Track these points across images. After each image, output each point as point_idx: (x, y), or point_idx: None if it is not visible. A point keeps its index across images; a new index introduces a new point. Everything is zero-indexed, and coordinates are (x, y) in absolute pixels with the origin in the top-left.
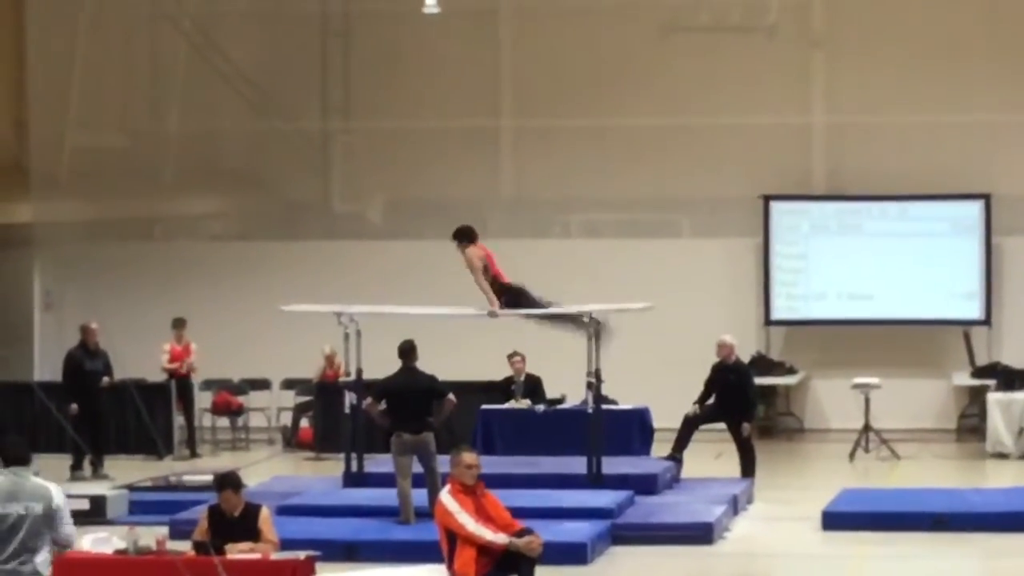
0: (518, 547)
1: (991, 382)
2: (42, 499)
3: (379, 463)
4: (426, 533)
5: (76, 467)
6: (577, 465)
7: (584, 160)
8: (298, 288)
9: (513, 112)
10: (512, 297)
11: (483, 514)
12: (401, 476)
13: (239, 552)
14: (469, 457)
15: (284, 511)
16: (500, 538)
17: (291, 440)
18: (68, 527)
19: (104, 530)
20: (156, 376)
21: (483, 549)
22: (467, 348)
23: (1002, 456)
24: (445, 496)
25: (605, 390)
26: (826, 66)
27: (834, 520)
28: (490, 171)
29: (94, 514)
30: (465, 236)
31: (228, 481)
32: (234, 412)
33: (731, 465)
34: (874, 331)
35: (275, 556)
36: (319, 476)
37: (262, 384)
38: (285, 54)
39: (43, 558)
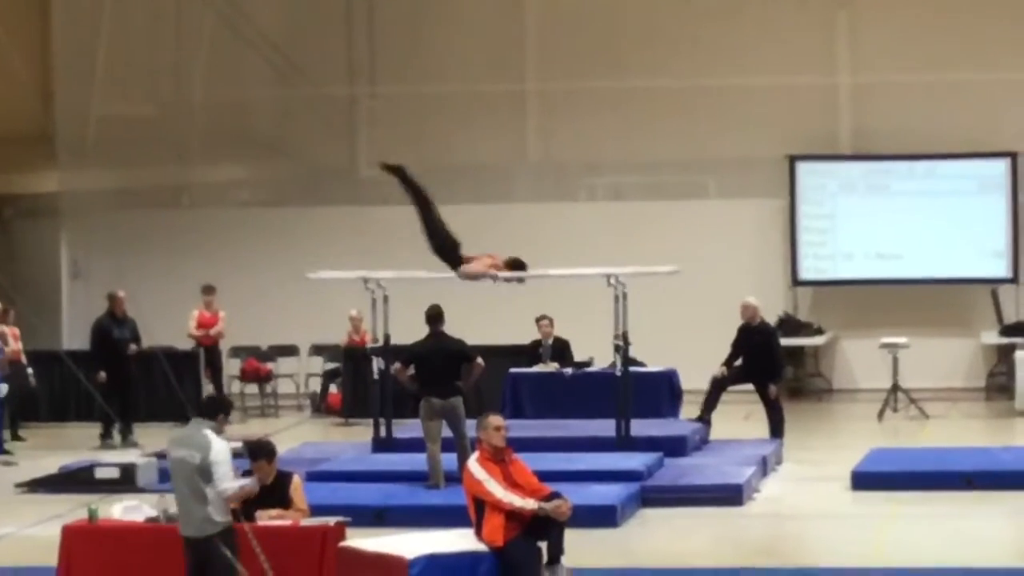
0: (547, 512)
1: (1019, 340)
2: (200, 450)
3: (408, 428)
4: (455, 498)
5: (105, 435)
6: (606, 428)
7: (610, 123)
8: (325, 254)
9: (539, 75)
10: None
11: (510, 481)
12: (430, 441)
13: (269, 519)
14: (496, 420)
15: (313, 477)
16: (529, 503)
17: (320, 406)
18: (221, 483)
19: (134, 498)
20: (184, 344)
21: (511, 515)
22: (495, 312)
23: None
24: (473, 464)
25: (633, 352)
26: (851, 26)
27: (863, 480)
28: (516, 135)
29: (124, 482)
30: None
31: (263, 451)
32: (263, 379)
33: (760, 426)
34: (902, 291)
35: (305, 522)
36: (348, 442)
37: (290, 351)
38: (310, 20)
39: (215, 507)
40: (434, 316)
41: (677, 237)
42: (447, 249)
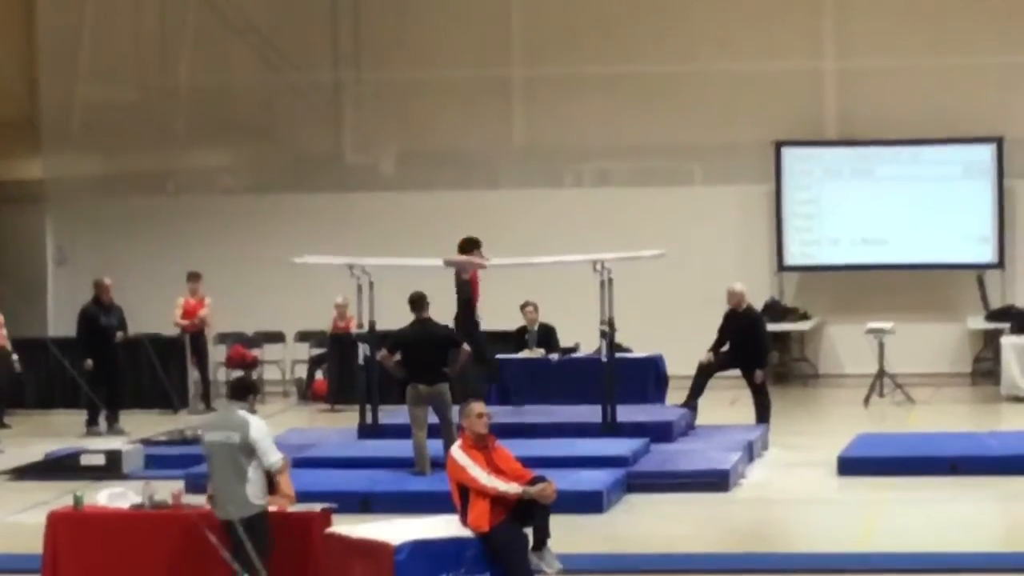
0: (532, 495)
1: (1005, 325)
2: (239, 429)
3: (394, 414)
4: (441, 484)
5: (91, 422)
6: (592, 414)
7: (596, 108)
8: (311, 240)
9: (524, 61)
10: (467, 322)
11: (494, 467)
12: (416, 427)
13: None
14: (479, 407)
15: (300, 463)
16: (513, 488)
17: (306, 392)
18: (270, 457)
19: (120, 485)
20: (170, 331)
21: (496, 500)
22: (481, 298)
23: (1017, 399)
24: (456, 451)
25: (619, 338)
26: (836, 11)
27: (850, 465)
28: (502, 120)
29: (110, 469)
30: (469, 247)
31: None
32: (248, 365)
33: (746, 412)
34: (887, 276)
35: (291, 509)
36: (334, 428)
37: (276, 337)
38: (296, 5)
39: (254, 488)
40: (416, 301)
41: (663, 223)
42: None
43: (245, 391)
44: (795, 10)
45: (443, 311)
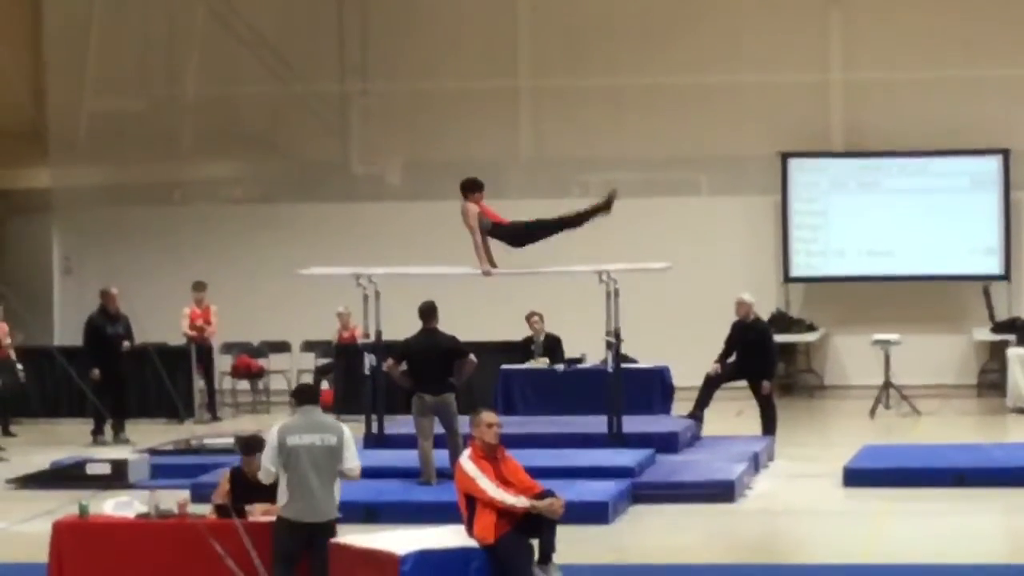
0: (540, 510)
1: (1011, 337)
2: (334, 431)
3: (400, 424)
4: (447, 494)
5: (97, 432)
6: (598, 424)
7: (602, 119)
8: (317, 250)
9: (531, 72)
10: (518, 234)
11: (502, 478)
12: (422, 437)
13: (260, 514)
14: (490, 416)
15: None
16: (521, 501)
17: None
18: (355, 460)
19: (126, 494)
20: (176, 340)
21: (503, 512)
22: (486, 308)
23: (1023, 411)
24: (465, 461)
25: (625, 349)
26: (844, 22)
27: (855, 477)
28: (508, 131)
29: (116, 478)
30: (467, 188)
31: (252, 447)
32: (254, 375)
33: (752, 423)
34: (894, 287)
35: None
36: None
37: (282, 347)
38: (302, 16)
39: (337, 490)
40: (427, 312)
41: (669, 234)
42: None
43: (316, 396)
44: (802, 22)
45: (450, 321)
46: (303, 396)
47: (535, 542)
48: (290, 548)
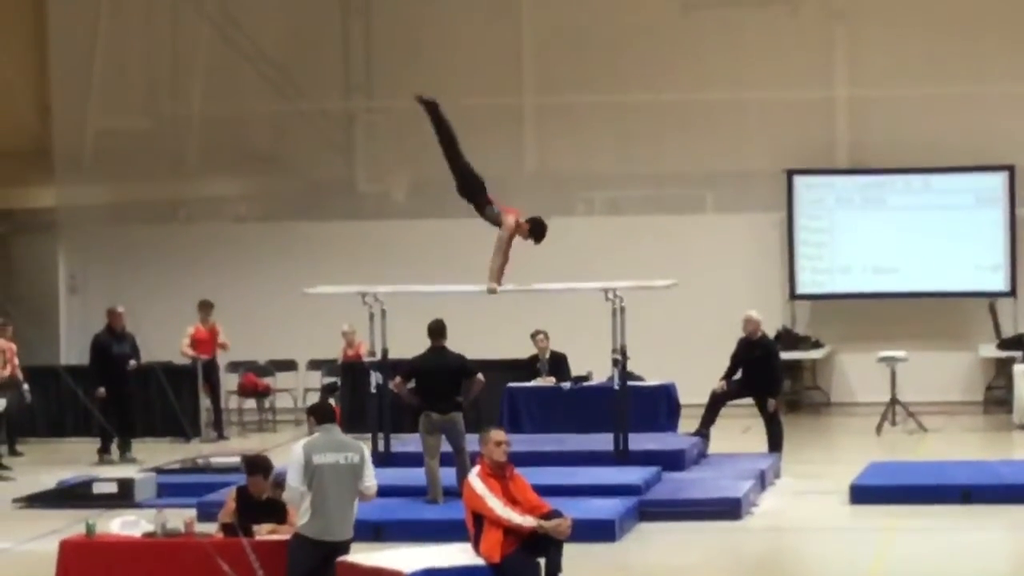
0: (547, 530)
1: (1017, 353)
2: (357, 450)
3: (406, 443)
4: (454, 513)
5: (104, 451)
6: (604, 442)
7: (607, 136)
8: (323, 268)
9: (535, 89)
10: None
11: (510, 497)
12: (429, 456)
13: (266, 533)
14: (498, 434)
15: None
16: (528, 521)
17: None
18: (373, 479)
19: (132, 513)
20: (182, 359)
21: (509, 531)
22: (492, 326)
23: None
24: (474, 479)
25: (631, 366)
26: (848, 39)
27: (862, 494)
28: (513, 149)
29: (122, 497)
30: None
31: (259, 466)
32: (260, 393)
33: (758, 440)
34: (900, 304)
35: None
36: None
37: (288, 365)
38: (307, 34)
39: (355, 508)
40: (436, 330)
41: (675, 251)
42: (472, 189)
43: (334, 414)
44: (807, 39)
45: (456, 339)
46: (324, 415)
47: (542, 560)
48: (307, 566)
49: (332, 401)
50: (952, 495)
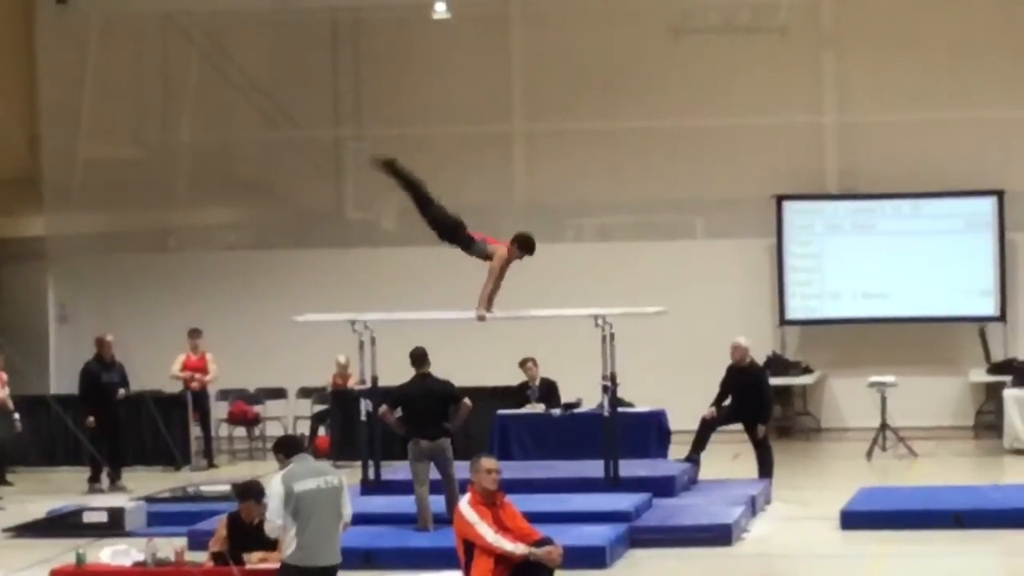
0: (538, 557)
1: (1007, 378)
2: (335, 475)
3: (396, 470)
4: (444, 540)
5: (94, 479)
6: (594, 468)
7: (596, 163)
8: (312, 296)
9: (525, 116)
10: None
11: (501, 525)
12: (418, 483)
13: (257, 561)
14: (489, 462)
15: None
16: (519, 549)
17: (308, 449)
18: (350, 507)
19: (123, 542)
20: (172, 387)
21: (500, 559)
22: (482, 353)
23: (1020, 452)
24: (464, 506)
25: (621, 393)
26: (837, 65)
27: (852, 519)
28: (503, 176)
29: (112, 527)
30: (520, 242)
31: (250, 492)
32: (250, 422)
33: (749, 466)
34: (889, 329)
35: None
36: None
37: (278, 393)
38: (296, 63)
39: (340, 531)
40: (418, 357)
41: (664, 277)
42: (452, 233)
43: (303, 444)
44: (796, 65)
45: (445, 366)
46: (293, 446)
47: None
48: None
49: (322, 430)
50: (943, 520)
